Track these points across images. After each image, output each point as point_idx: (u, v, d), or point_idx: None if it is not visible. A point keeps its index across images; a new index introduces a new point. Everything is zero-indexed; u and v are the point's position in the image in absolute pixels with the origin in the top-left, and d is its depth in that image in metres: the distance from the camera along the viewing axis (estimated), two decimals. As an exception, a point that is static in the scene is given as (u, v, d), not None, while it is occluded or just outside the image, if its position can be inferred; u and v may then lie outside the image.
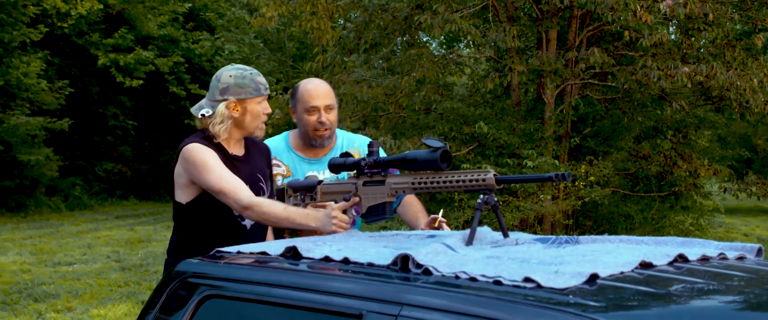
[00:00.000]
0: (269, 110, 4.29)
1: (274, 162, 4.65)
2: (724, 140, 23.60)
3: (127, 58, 26.15)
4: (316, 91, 4.61)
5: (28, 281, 12.93)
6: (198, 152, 4.15)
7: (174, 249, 4.38)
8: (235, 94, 4.20)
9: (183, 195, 4.26)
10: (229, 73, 4.24)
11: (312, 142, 4.64)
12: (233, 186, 4.05)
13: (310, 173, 4.66)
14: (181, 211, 4.30)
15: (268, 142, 4.74)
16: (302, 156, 4.70)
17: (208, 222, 4.24)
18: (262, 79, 4.27)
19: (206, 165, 4.12)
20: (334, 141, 4.77)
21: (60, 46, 27.19)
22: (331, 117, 4.63)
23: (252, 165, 4.36)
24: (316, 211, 3.86)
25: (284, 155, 4.72)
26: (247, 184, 4.13)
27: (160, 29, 28.26)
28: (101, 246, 17.34)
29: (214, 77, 4.32)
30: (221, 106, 4.21)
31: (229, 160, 4.23)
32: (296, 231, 4.18)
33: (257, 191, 4.23)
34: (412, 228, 4.52)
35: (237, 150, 4.34)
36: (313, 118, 4.59)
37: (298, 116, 4.66)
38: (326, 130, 4.61)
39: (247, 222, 4.30)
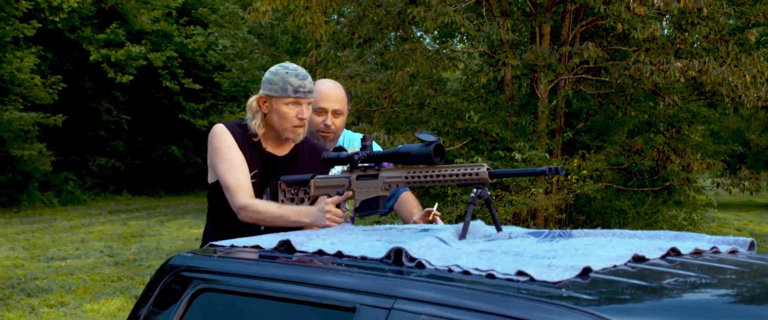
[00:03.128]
0: (304, 115, 4.10)
1: None
2: (717, 135, 23.68)
3: (118, 54, 26.11)
4: (328, 93, 4.57)
5: (21, 276, 12.91)
6: (218, 137, 4.12)
7: (205, 234, 4.31)
8: (264, 89, 4.13)
9: (210, 174, 4.21)
10: (271, 69, 4.17)
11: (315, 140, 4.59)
12: (235, 185, 4.02)
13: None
14: (210, 192, 4.26)
15: None
16: None
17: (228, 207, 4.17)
18: (294, 81, 4.07)
19: (221, 152, 4.08)
20: (336, 143, 4.74)
21: (53, 41, 27.16)
22: (338, 122, 4.60)
23: (293, 169, 4.24)
24: (309, 207, 3.86)
25: None
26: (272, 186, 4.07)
27: (154, 24, 28.21)
28: (94, 241, 17.33)
29: None
30: (251, 99, 4.19)
31: (260, 155, 4.17)
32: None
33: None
34: (406, 222, 4.51)
35: (276, 148, 4.25)
36: (320, 119, 4.56)
37: None
38: (330, 133, 4.58)
39: None
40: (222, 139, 4.11)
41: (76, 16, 26.60)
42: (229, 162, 4.07)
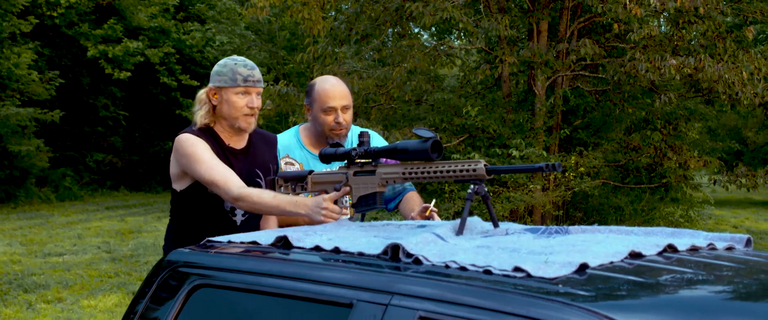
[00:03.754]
0: (255, 104, 4.21)
1: (287, 159, 4.63)
2: (714, 132, 23.68)
3: (115, 50, 26.09)
4: (334, 91, 4.57)
5: (18, 272, 12.90)
6: (188, 143, 4.15)
7: (171, 235, 4.38)
8: (213, 82, 4.24)
9: (177, 184, 4.27)
10: (219, 62, 4.28)
11: (327, 141, 4.59)
12: (223, 178, 4.04)
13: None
14: (177, 199, 4.31)
15: (279, 137, 4.70)
16: (316, 153, 4.66)
17: (201, 211, 4.24)
18: (243, 71, 4.20)
19: (196, 155, 4.11)
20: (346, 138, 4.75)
21: (50, 37, 27.12)
22: (347, 117, 4.60)
23: (251, 158, 4.34)
24: (305, 199, 3.86)
25: (296, 152, 4.69)
26: (242, 178, 4.11)
27: (151, 20, 28.19)
28: (92, 237, 17.32)
29: None
30: (200, 92, 4.29)
31: (223, 152, 4.22)
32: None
33: (254, 185, 4.20)
34: (405, 219, 4.52)
35: (235, 142, 4.33)
36: (330, 118, 4.55)
37: (314, 115, 4.60)
38: (343, 129, 4.59)
39: (240, 218, 4.30)
40: (192, 144, 4.17)
41: (73, 11, 26.56)
42: (207, 162, 4.11)
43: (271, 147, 4.53)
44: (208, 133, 4.24)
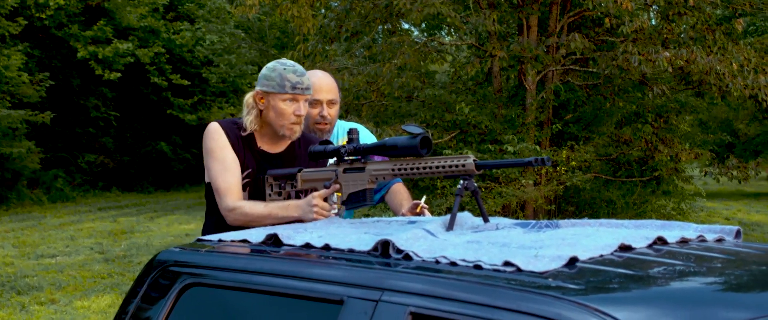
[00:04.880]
0: (302, 111, 4.06)
1: None
2: (706, 125, 23.73)
3: (105, 51, 26.04)
4: (320, 83, 4.54)
5: (10, 274, 12.89)
6: (212, 136, 4.10)
7: (204, 231, 4.25)
8: (261, 85, 4.09)
9: (206, 174, 4.18)
10: (268, 65, 4.15)
11: (312, 133, 4.57)
12: (224, 188, 4.01)
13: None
14: (208, 191, 4.23)
15: None
16: None
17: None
18: (292, 77, 4.03)
19: (214, 153, 4.07)
20: (332, 133, 4.74)
21: (40, 39, 27.06)
22: (333, 111, 4.59)
23: (289, 165, 4.19)
24: (295, 201, 3.85)
25: None
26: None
27: (141, 20, 28.14)
28: (84, 238, 17.30)
29: None
30: (248, 95, 4.15)
31: (254, 154, 4.15)
32: None
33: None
34: (396, 215, 4.52)
35: (271, 146, 4.21)
36: (315, 111, 4.53)
37: None
38: (327, 124, 4.57)
39: None
40: (215, 139, 4.09)
41: (62, 13, 26.50)
42: (221, 164, 4.05)
43: (307, 146, 4.31)
44: (239, 133, 4.14)
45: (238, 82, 27.89)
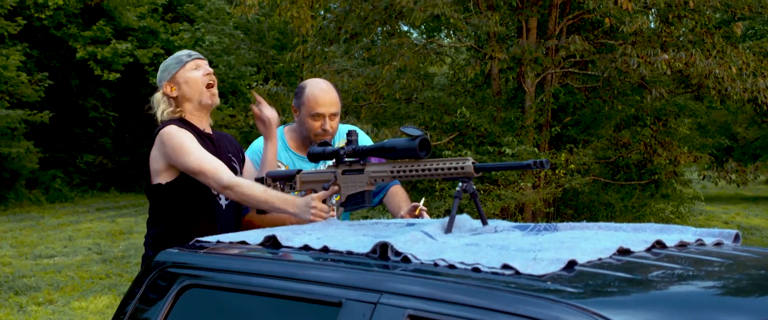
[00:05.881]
0: (208, 71, 4.29)
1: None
2: (704, 128, 23.74)
3: (104, 51, 26.04)
4: (324, 97, 4.54)
5: (8, 274, 12.88)
6: (175, 134, 4.12)
7: (154, 240, 4.26)
8: (163, 79, 4.28)
9: (161, 177, 4.21)
10: (159, 68, 4.36)
11: (312, 144, 4.56)
12: (213, 166, 4.03)
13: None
14: (160, 194, 4.24)
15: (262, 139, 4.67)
16: (302, 155, 4.65)
17: (187, 203, 4.20)
18: (183, 52, 4.33)
19: (184, 146, 4.09)
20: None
21: (39, 39, 27.06)
22: (334, 124, 4.59)
23: (220, 146, 4.34)
24: (295, 197, 3.85)
25: (282, 154, 4.65)
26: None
27: (140, 21, 28.14)
28: (82, 239, 17.29)
29: None
30: (156, 95, 4.30)
31: (203, 138, 4.22)
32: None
33: (232, 171, 4.21)
34: (394, 217, 4.51)
35: (207, 127, 4.36)
36: (317, 124, 4.53)
37: (301, 118, 4.58)
38: (328, 136, 4.57)
39: (224, 202, 4.28)
40: (178, 135, 4.14)
41: (61, 13, 26.51)
42: (195, 152, 4.09)
43: (231, 141, 4.56)
44: (184, 123, 4.23)
45: (237, 83, 27.90)
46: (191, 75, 4.24)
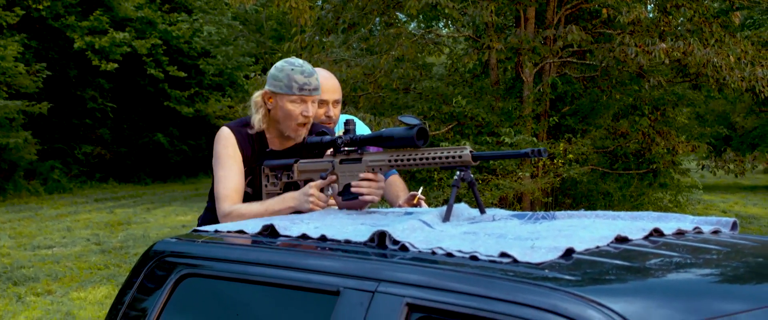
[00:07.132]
0: (309, 113, 4.01)
1: None
2: (703, 118, 23.72)
3: (102, 41, 26.02)
4: (327, 84, 4.53)
5: (7, 264, 12.88)
6: (221, 142, 4.08)
7: (201, 222, 4.27)
8: (269, 86, 4.05)
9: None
10: (277, 64, 4.10)
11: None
12: (223, 195, 3.99)
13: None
14: (211, 184, 4.22)
15: None
16: None
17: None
18: (300, 78, 3.97)
19: (221, 159, 4.05)
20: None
21: (37, 29, 27.04)
22: (337, 111, 4.59)
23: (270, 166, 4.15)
24: (291, 192, 3.84)
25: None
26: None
27: (137, 11, 28.11)
28: (81, 229, 17.29)
29: None
30: (256, 94, 4.11)
31: (263, 153, 4.13)
32: None
33: None
34: (392, 206, 4.51)
35: (279, 144, 4.17)
36: (321, 111, 4.53)
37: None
38: (331, 123, 4.58)
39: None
40: (225, 146, 4.07)
41: (59, 3, 26.49)
42: (225, 171, 4.03)
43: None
44: (257, 136, 4.12)
45: (235, 75, 27.87)
46: (289, 107, 3.99)
